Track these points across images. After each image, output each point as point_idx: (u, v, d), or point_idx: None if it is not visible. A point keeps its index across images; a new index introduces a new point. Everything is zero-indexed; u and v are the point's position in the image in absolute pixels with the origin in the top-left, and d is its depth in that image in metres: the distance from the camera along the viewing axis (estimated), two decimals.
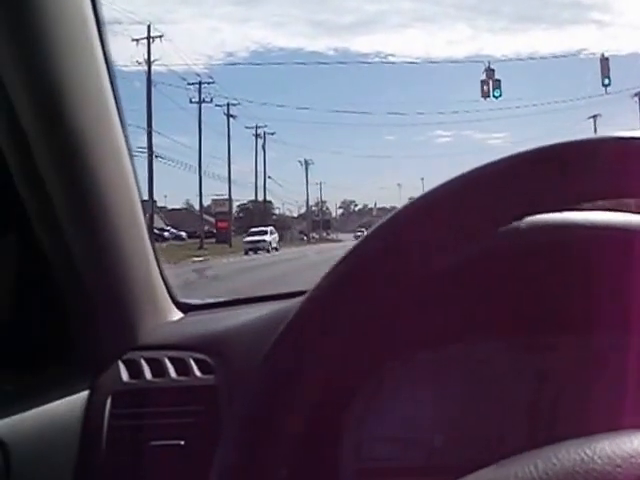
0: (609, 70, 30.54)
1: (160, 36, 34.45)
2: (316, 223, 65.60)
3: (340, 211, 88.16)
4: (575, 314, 0.79)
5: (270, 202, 60.10)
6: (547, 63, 77.88)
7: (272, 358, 0.69)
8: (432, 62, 79.50)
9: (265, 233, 36.46)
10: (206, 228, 39.10)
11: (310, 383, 0.67)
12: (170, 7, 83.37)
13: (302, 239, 59.69)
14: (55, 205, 1.03)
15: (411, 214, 0.63)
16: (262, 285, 13.11)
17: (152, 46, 34.03)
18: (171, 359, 1.13)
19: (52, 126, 0.99)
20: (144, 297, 1.20)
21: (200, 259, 28.25)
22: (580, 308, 0.78)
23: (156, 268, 1.24)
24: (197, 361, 1.12)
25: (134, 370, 1.13)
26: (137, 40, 34.11)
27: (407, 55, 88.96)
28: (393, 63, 79.98)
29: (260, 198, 53.56)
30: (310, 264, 23.32)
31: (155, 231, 31.93)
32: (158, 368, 1.12)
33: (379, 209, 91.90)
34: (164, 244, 35.11)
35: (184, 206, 61.41)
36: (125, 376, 1.12)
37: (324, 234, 64.79)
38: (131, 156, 1.15)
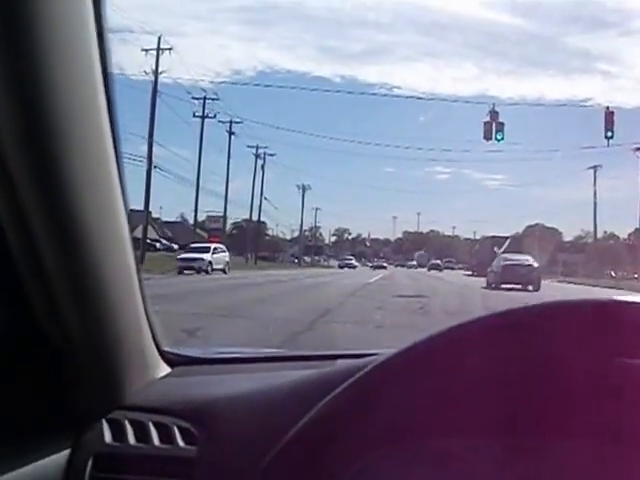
0: (613, 123, 30.74)
1: (169, 49, 34.63)
2: (309, 248, 65.65)
3: (333, 238, 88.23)
4: (563, 420, 0.80)
5: (264, 223, 60.19)
6: (551, 110, 78.43)
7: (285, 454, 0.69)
8: (437, 98, 79.98)
9: (205, 251, 30.85)
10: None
11: None
12: (182, 21, 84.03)
13: (293, 262, 59.74)
14: (42, 257, 0.99)
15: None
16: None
17: (161, 58, 34.21)
18: (155, 424, 1.11)
19: (36, 138, 0.93)
20: (132, 352, 1.18)
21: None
22: (567, 416, 0.80)
23: (145, 321, 1.22)
24: (181, 429, 1.10)
25: (117, 431, 1.11)
26: (146, 50, 34.29)
27: (412, 88, 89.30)
28: (398, 96, 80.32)
29: (254, 218, 53.66)
30: (302, 287, 23.40)
31: (148, 241, 31.88)
32: (142, 432, 1.11)
33: (372, 240, 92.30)
34: (156, 254, 35.13)
35: (179, 219, 61.53)
36: (108, 437, 1.10)
37: (316, 259, 64.94)
38: (126, 204, 1.09)
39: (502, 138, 31.00)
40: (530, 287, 22.49)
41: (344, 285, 23.50)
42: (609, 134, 30.68)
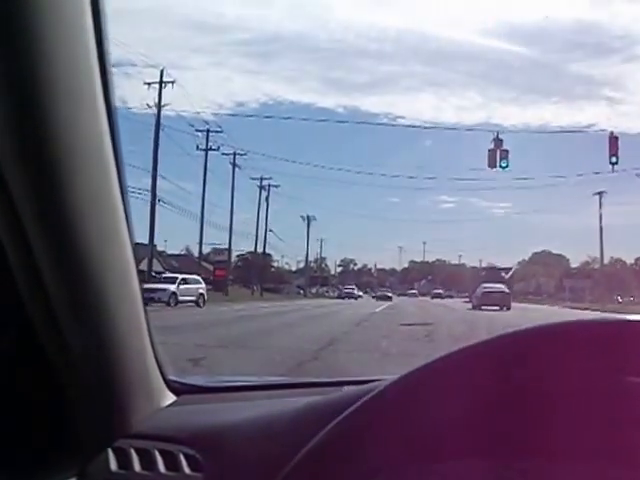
0: (617, 149, 30.78)
1: (172, 82, 34.95)
2: (314, 279, 65.60)
3: (339, 269, 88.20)
4: (563, 442, 0.80)
5: (269, 255, 60.27)
6: (556, 137, 78.76)
7: None
8: (441, 127, 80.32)
9: (171, 281, 28.59)
10: (203, 275, 38.93)
11: None
12: (185, 54, 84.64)
13: (299, 293, 59.67)
14: (45, 282, 1.00)
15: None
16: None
17: (163, 91, 34.48)
18: (161, 451, 1.11)
19: (45, 178, 0.94)
20: (137, 381, 1.18)
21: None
22: (567, 438, 0.79)
23: (150, 350, 1.22)
24: (187, 456, 1.10)
25: (123, 459, 1.11)
26: (149, 84, 34.59)
27: (416, 118, 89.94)
28: (402, 125, 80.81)
29: (260, 250, 53.72)
30: (308, 317, 23.36)
31: (153, 274, 31.87)
32: (147, 460, 1.10)
33: (379, 270, 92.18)
34: None
35: (183, 252, 61.57)
36: (114, 465, 1.10)
37: (322, 290, 64.78)
38: (131, 237, 1.10)
39: (507, 165, 31.09)
40: (504, 308, 29.91)
41: (350, 315, 23.46)
42: (614, 159, 30.74)
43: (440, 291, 61.93)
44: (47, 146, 0.93)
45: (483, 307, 30.04)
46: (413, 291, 69.05)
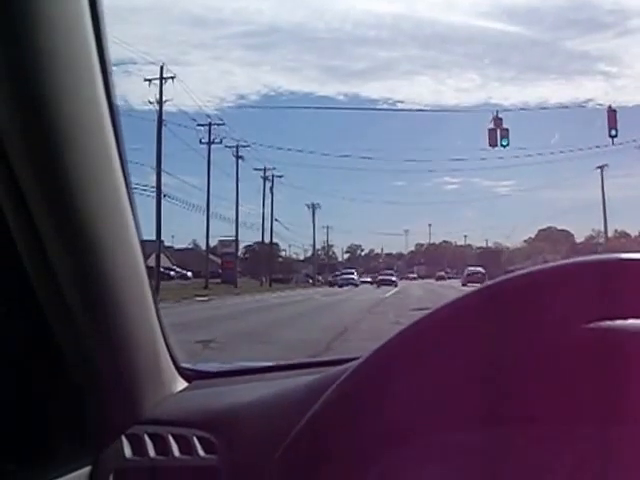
0: (616, 122, 30.75)
1: (172, 77, 34.95)
2: (322, 267, 65.59)
3: (346, 255, 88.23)
4: (608, 408, 0.77)
5: (277, 244, 60.41)
6: (555, 113, 78.45)
7: (293, 449, 0.69)
8: (441, 110, 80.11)
9: None
10: (211, 269, 38.96)
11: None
12: (184, 49, 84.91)
13: (307, 282, 59.64)
14: (56, 273, 1.01)
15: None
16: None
17: (164, 87, 34.45)
18: (174, 436, 1.11)
19: (49, 173, 0.96)
20: (149, 368, 1.18)
21: (205, 298, 28.22)
22: (613, 403, 0.76)
23: (160, 336, 1.22)
24: (200, 439, 1.10)
25: (137, 446, 1.11)
26: (150, 80, 34.56)
27: (416, 102, 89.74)
28: (402, 110, 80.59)
29: (267, 240, 53.74)
30: (319, 306, 23.37)
31: (161, 270, 31.95)
32: (161, 445, 1.11)
33: (386, 254, 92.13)
34: (170, 283, 35.15)
35: (191, 246, 61.63)
36: (128, 452, 1.10)
37: (329, 277, 64.69)
38: (137, 223, 1.12)
39: (507, 144, 31.11)
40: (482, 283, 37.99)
41: (360, 301, 23.47)
42: (613, 133, 30.74)
43: (442, 273, 67.16)
44: (51, 145, 0.94)
45: (469, 284, 37.86)
46: (413, 275, 73.11)
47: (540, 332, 0.71)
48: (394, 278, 53.40)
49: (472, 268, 48.67)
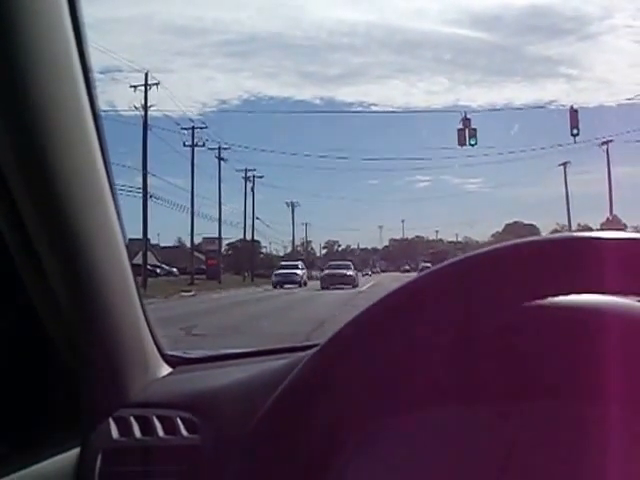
0: (578, 121, 31.04)
1: (157, 83, 34.73)
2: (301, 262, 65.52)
3: (324, 251, 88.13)
4: (549, 383, 0.78)
5: (258, 241, 60.16)
6: (520, 113, 78.83)
7: (267, 420, 0.69)
8: (412, 111, 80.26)
9: None
10: (196, 265, 38.80)
11: (298, 447, 0.67)
12: (168, 57, 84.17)
13: None
14: (43, 264, 1.02)
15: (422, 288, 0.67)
16: None
17: (149, 93, 34.24)
18: (159, 417, 1.12)
19: (35, 174, 0.96)
20: (134, 354, 1.19)
21: (191, 293, 28.29)
22: (555, 378, 0.77)
23: (145, 325, 1.23)
24: (184, 420, 1.11)
25: (124, 428, 1.11)
26: (135, 87, 34.36)
27: (388, 105, 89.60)
28: (375, 112, 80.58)
29: (248, 237, 53.67)
30: (297, 300, 23.40)
31: (148, 267, 31.78)
32: (147, 426, 1.12)
33: (361, 249, 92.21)
34: (157, 279, 34.99)
35: (176, 244, 61.35)
36: (115, 433, 1.11)
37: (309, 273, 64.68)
38: (119, 217, 1.13)
39: (475, 143, 31.28)
40: None
41: (337, 295, 23.49)
42: (575, 131, 31.06)
43: (407, 267, 70.70)
44: (36, 148, 0.94)
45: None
46: (376, 269, 75.21)
47: (491, 311, 0.72)
48: (351, 272, 34.88)
49: (424, 264, 50.43)
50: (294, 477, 0.70)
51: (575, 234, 0.70)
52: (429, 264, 46.37)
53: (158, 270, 44.66)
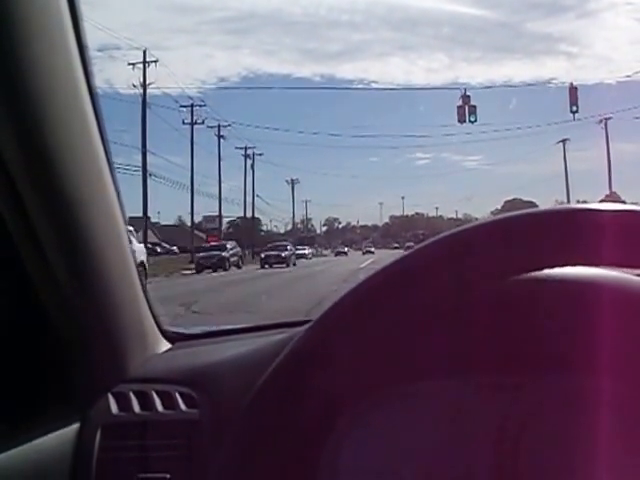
0: (577, 98, 30.99)
1: (155, 61, 34.58)
2: (302, 239, 65.50)
3: (324, 228, 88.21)
4: (544, 356, 0.78)
5: (258, 219, 60.24)
6: (520, 91, 78.35)
7: (264, 392, 0.69)
8: (412, 88, 79.94)
9: None
10: (196, 243, 38.80)
11: (296, 418, 0.67)
12: (167, 35, 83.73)
13: None
14: (42, 240, 1.01)
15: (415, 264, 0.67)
16: None
17: (148, 70, 34.12)
18: (158, 392, 1.13)
19: (33, 154, 0.96)
20: (133, 330, 1.19)
21: (190, 272, 28.36)
22: (548, 351, 0.78)
23: (144, 302, 1.23)
24: (182, 395, 1.12)
25: (123, 403, 1.12)
26: (133, 64, 34.22)
27: (389, 82, 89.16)
28: (376, 89, 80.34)
29: (249, 215, 53.65)
30: (298, 277, 23.45)
31: (148, 246, 31.83)
32: (146, 401, 1.12)
33: (361, 226, 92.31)
34: (158, 258, 35.03)
35: (176, 222, 61.38)
36: (114, 409, 1.11)
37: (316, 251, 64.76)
38: (118, 193, 1.13)
39: (475, 120, 31.23)
40: None
41: (337, 273, 23.52)
42: (574, 108, 31.06)
43: (395, 245, 69.82)
44: (31, 129, 0.94)
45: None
46: (368, 248, 72.00)
47: (490, 281, 0.71)
48: (285, 254, 33.80)
49: (408, 243, 50.18)
50: (292, 448, 0.70)
51: (576, 205, 0.69)
52: (412, 243, 48.70)
53: (158, 248, 44.68)
